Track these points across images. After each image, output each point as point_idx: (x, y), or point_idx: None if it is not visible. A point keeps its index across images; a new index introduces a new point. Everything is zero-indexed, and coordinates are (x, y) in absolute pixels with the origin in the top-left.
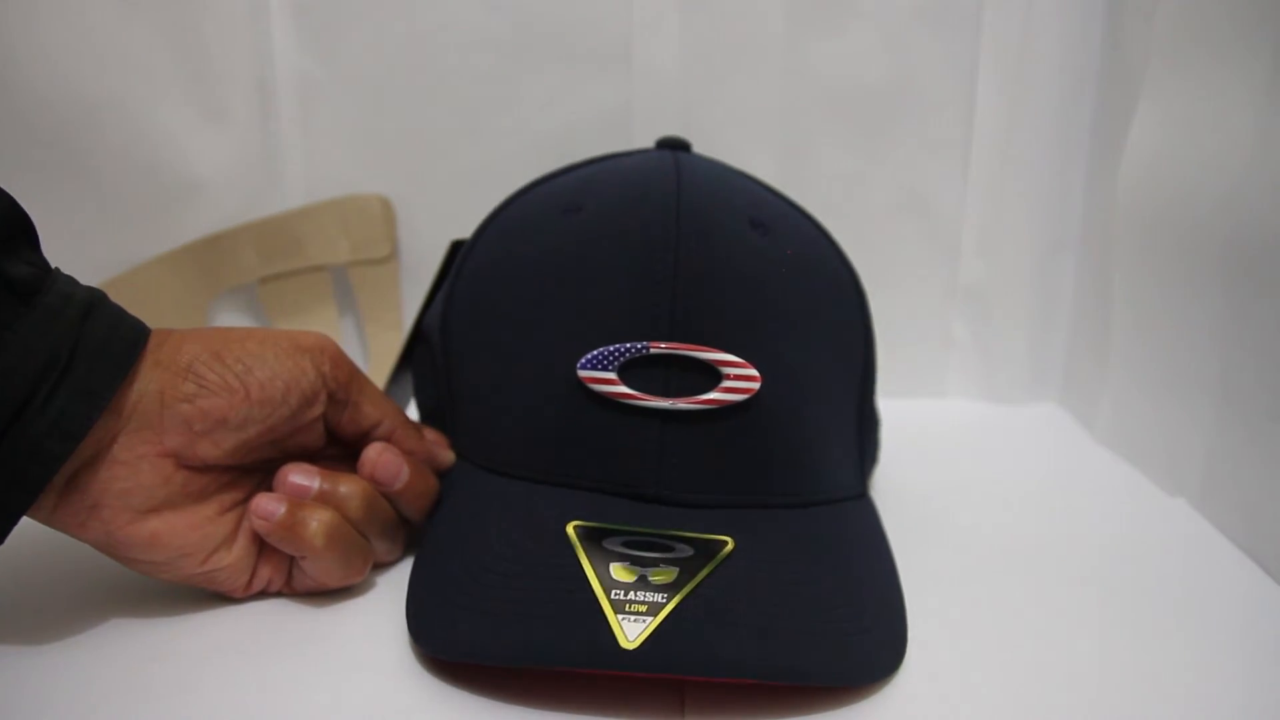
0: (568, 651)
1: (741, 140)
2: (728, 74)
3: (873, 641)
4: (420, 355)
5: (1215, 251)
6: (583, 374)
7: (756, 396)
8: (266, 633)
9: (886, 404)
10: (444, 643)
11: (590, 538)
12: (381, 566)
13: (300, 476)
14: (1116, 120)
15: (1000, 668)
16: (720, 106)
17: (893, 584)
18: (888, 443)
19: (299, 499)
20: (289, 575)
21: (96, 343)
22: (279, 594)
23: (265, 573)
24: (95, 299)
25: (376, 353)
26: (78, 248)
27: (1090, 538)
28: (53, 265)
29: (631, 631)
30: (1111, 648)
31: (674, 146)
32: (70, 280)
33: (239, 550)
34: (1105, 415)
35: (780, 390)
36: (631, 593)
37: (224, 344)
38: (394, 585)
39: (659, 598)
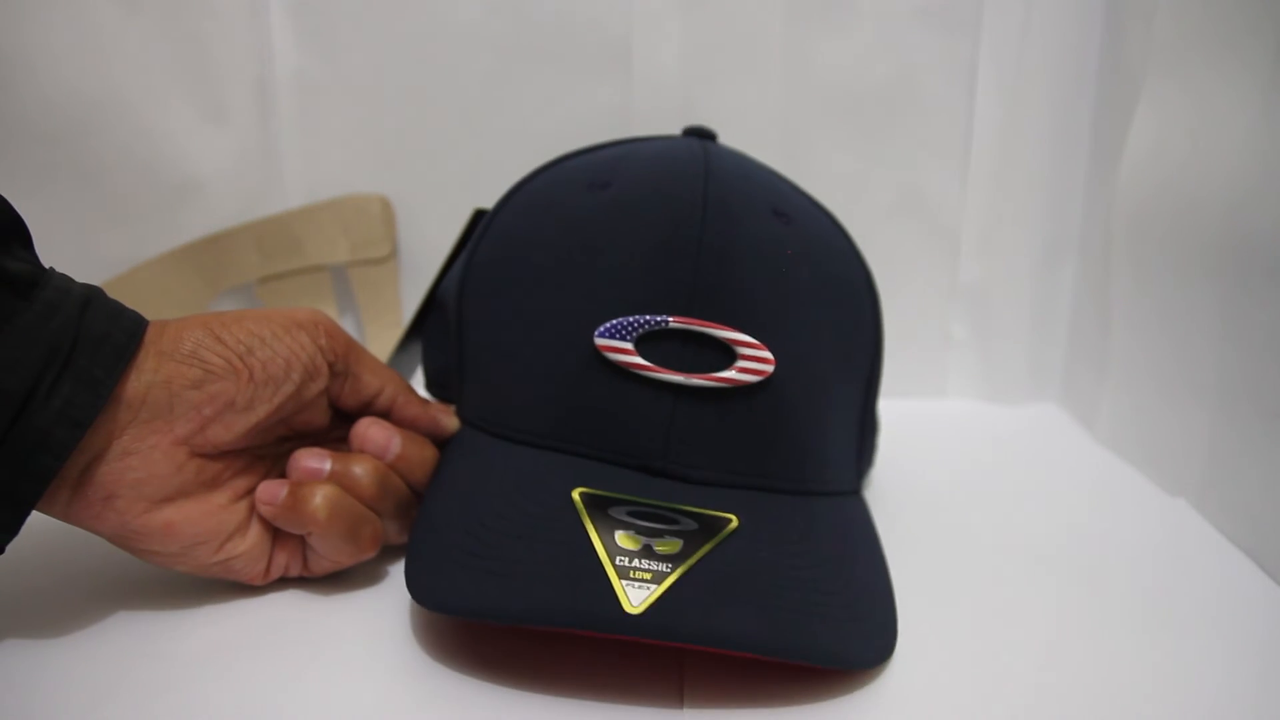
0: (572, 613)
1: (742, 141)
2: (728, 74)
3: (866, 630)
4: (433, 321)
5: (1215, 251)
6: (599, 342)
7: (768, 380)
8: (268, 630)
9: (886, 404)
10: (444, 599)
11: (596, 505)
12: (394, 551)
13: (312, 460)
14: (1116, 121)
15: (999, 667)
16: (720, 107)
17: (884, 578)
18: (888, 443)
19: (311, 482)
20: (304, 559)
21: (97, 333)
22: (299, 579)
23: (281, 558)
24: (92, 293)
25: (376, 352)
26: (78, 248)
27: (1090, 538)
28: (53, 264)
29: (635, 597)
30: (1110, 647)
31: (700, 135)
32: (65, 277)
33: (253, 537)
34: (1105, 415)
35: (791, 376)
36: (636, 560)
37: (222, 326)
38: (398, 581)
39: (663, 567)
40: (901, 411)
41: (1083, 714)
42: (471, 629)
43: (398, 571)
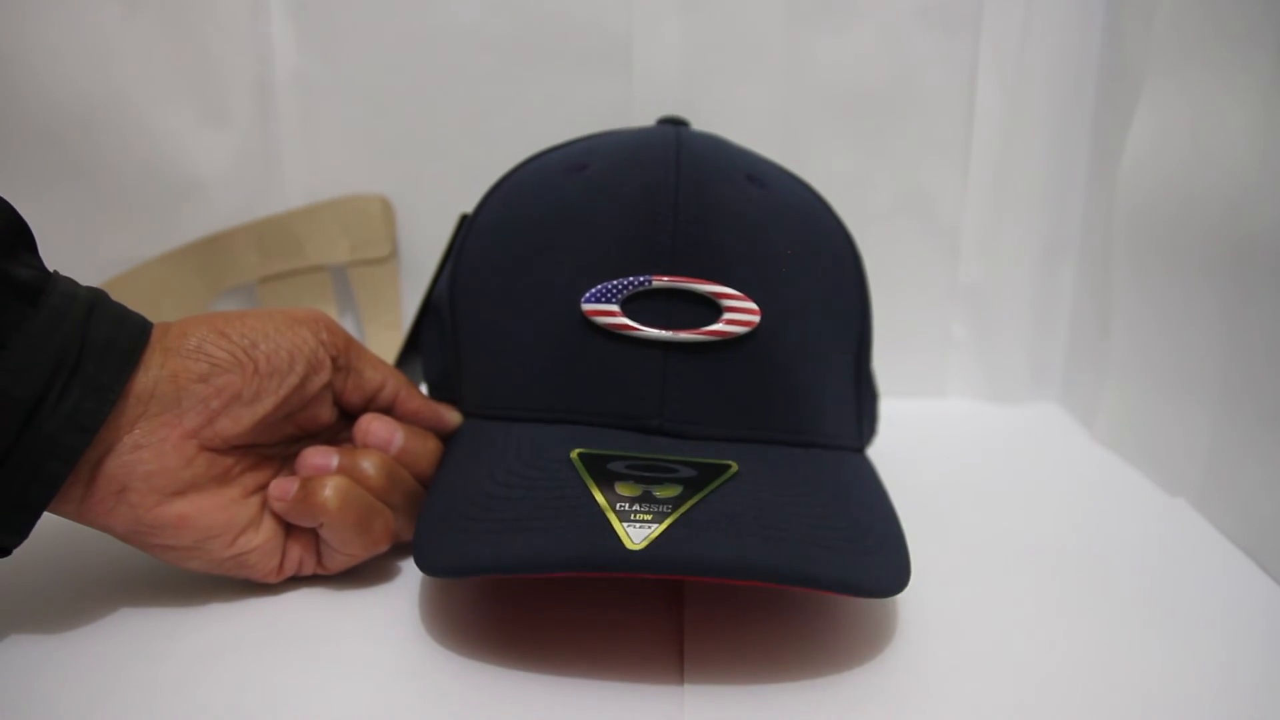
0: (572, 556)
1: (741, 140)
2: (728, 74)
3: (878, 563)
4: (428, 326)
5: (1215, 251)
6: (586, 308)
7: (756, 331)
8: (274, 628)
9: (886, 404)
10: (447, 563)
11: (593, 462)
12: (405, 550)
13: (319, 456)
14: (1116, 121)
15: (998, 667)
16: (720, 107)
17: (894, 522)
18: (887, 442)
19: (319, 476)
20: (318, 554)
21: (103, 339)
22: (310, 578)
23: (295, 553)
24: (97, 298)
25: (376, 352)
26: (78, 248)
27: (1090, 538)
28: (54, 265)
29: (636, 535)
30: (1110, 648)
31: (674, 123)
32: (70, 281)
33: (266, 531)
34: (1105, 415)
35: (779, 328)
36: (636, 505)
37: (225, 322)
38: (405, 581)
39: (664, 508)
40: (901, 411)
41: (1083, 714)
42: (477, 614)
43: (408, 568)
